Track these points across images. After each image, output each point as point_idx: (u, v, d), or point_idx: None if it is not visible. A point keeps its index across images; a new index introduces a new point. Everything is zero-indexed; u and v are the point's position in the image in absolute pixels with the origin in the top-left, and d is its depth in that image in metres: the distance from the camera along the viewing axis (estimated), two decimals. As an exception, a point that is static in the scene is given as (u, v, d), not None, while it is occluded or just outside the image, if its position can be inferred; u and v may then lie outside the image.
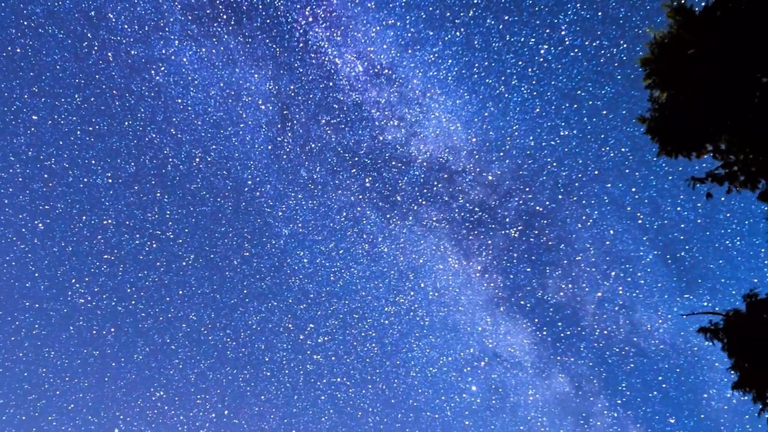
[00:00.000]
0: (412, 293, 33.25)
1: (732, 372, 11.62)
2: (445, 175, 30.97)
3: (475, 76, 28.27)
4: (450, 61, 27.94)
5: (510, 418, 33.14)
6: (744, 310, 11.03)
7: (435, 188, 31.33)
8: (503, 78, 28.12)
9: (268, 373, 34.27)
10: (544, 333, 32.44)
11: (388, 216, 32.35)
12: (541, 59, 27.70)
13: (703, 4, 8.55)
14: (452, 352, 33.49)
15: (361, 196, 32.28)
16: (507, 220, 31.46)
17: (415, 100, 29.31)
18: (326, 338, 34.19)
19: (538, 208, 31.20)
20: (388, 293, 33.67)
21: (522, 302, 32.51)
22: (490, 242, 31.93)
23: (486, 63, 27.95)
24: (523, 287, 32.38)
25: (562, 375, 33.00)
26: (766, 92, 8.54)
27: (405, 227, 32.31)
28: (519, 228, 31.41)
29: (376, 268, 33.34)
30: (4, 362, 31.24)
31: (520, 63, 27.71)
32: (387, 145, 31.08)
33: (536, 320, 32.70)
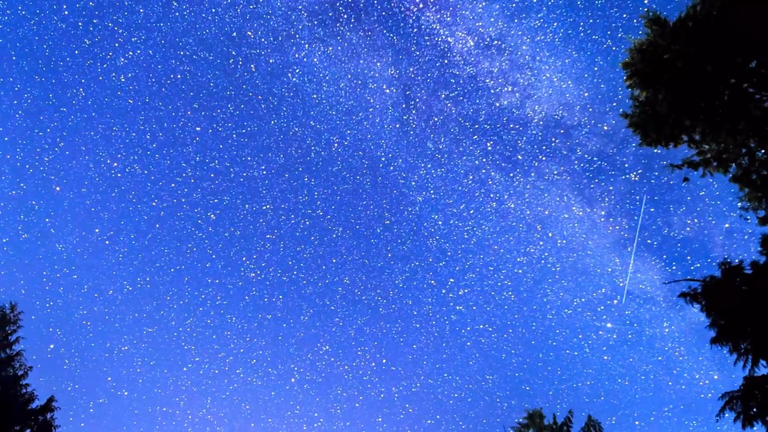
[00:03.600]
0: (541, 243, 34.77)
1: (710, 328, 13.20)
2: (562, 131, 31.90)
3: (581, 34, 28.82)
4: (555, 24, 28.62)
5: (647, 350, 34.09)
6: (719, 276, 12.42)
7: (553, 144, 32.42)
8: (609, 32, 28.46)
9: (417, 325, 37.75)
10: (674, 267, 32.31)
11: (511, 174, 34.00)
12: (646, 9, 27.34)
13: (677, 14, 9.51)
14: (585, 294, 34.88)
15: (484, 160, 34.24)
16: (626, 165, 31.62)
17: (525, 65, 30.27)
18: (466, 290, 36.98)
19: (656, 150, 31.00)
20: (519, 245, 35.56)
21: (648, 241, 32.52)
22: (611, 188, 32.50)
23: (591, 20, 28.44)
24: (648, 226, 32.48)
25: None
26: (734, 91, 9.63)
27: (528, 183, 33.72)
28: (638, 171, 31.26)
29: (505, 223, 35.28)
30: (197, 328, 37.12)
31: (624, 16, 27.46)
32: (504, 109, 32.47)
33: (664, 256, 32.64)
